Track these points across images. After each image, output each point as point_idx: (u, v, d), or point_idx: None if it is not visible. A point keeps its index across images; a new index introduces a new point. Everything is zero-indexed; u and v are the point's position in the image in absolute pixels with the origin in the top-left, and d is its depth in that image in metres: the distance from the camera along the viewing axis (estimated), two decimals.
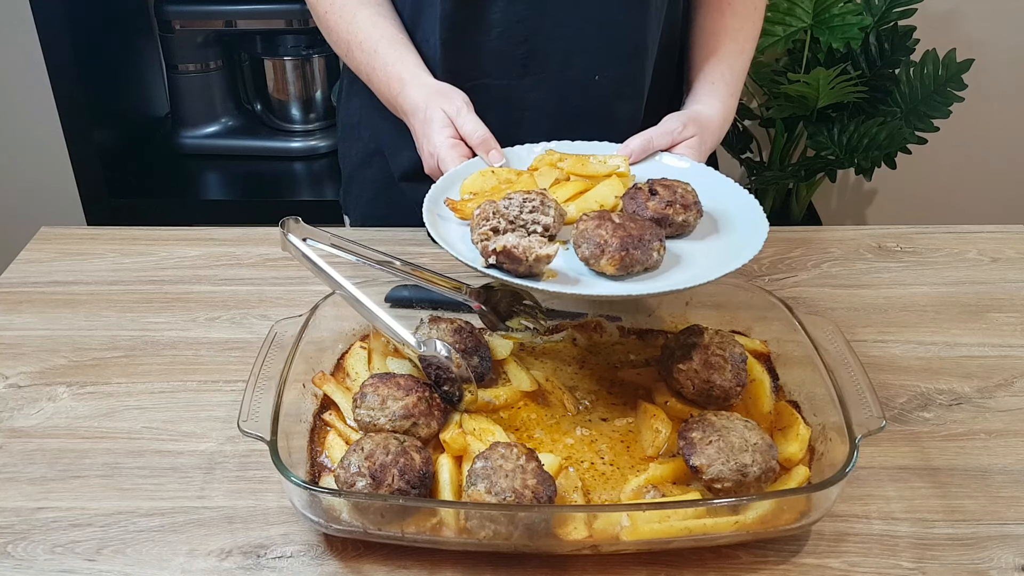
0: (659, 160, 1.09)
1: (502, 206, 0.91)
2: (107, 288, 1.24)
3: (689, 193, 0.96)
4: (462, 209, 0.96)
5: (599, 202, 0.97)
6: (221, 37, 2.35)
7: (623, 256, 0.87)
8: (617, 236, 0.88)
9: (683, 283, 0.88)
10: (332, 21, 1.22)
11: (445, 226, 0.95)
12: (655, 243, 0.89)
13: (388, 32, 1.19)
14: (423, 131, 1.10)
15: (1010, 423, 1.01)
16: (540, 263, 0.85)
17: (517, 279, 0.86)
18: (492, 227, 0.89)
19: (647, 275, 0.90)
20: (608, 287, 0.89)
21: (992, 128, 2.62)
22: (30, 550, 0.86)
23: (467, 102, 1.10)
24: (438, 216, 0.96)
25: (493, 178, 1.02)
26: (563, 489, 0.87)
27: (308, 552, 0.86)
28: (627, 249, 0.87)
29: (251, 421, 0.86)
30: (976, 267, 1.28)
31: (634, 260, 0.88)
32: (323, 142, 2.41)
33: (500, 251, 0.85)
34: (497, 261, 0.86)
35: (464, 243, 0.93)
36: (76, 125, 2.23)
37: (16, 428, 1.00)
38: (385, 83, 1.17)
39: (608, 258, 0.87)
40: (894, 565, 0.84)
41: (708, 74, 1.22)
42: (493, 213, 0.90)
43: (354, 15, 1.20)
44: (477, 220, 0.90)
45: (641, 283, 0.89)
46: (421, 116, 1.11)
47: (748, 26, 1.26)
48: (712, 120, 1.16)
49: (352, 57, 1.22)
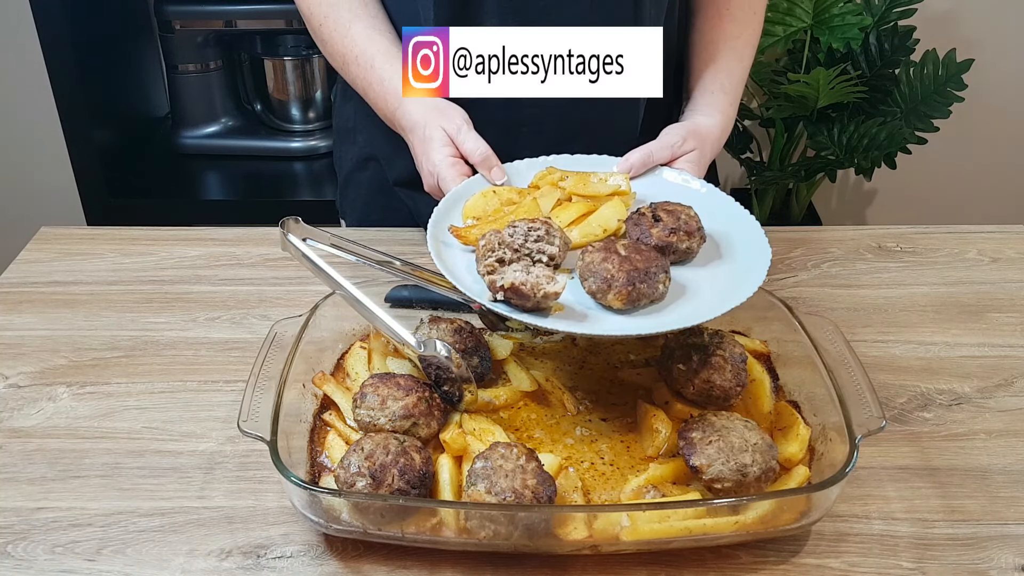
0: (659, 175, 1.08)
1: (507, 235, 0.90)
2: (107, 288, 1.24)
3: (692, 219, 0.96)
4: (466, 236, 0.95)
5: (602, 227, 0.97)
6: (221, 37, 2.36)
7: (630, 291, 0.87)
8: (623, 271, 0.88)
9: (690, 320, 0.88)
10: (327, 34, 1.21)
11: (449, 253, 0.94)
12: (660, 275, 0.90)
13: (383, 46, 1.17)
14: (422, 149, 1.10)
15: (1010, 423, 1.01)
16: (548, 299, 0.86)
17: (524, 315, 0.86)
18: (498, 258, 0.89)
19: (653, 308, 0.91)
20: (615, 325, 0.89)
21: (992, 128, 2.62)
22: (30, 550, 0.86)
23: (466, 119, 1.09)
24: (442, 243, 0.95)
25: (495, 199, 1.01)
26: (563, 489, 0.87)
27: (308, 552, 0.86)
28: (633, 284, 0.87)
29: (251, 421, 0.86)
30: (976, 267, 1.28)
31: (640, 294, 0.88)
32: (323, 142, 2.41)
33: (508, 288, 0.85)
34: (505, 297, 0.86)
35: (470, 273, 0.92)
36: (76, 125, 2.23)
37: (16, 428, 1.00)
38: (382, 98, 1.16)
39: (615, 293, 0.87)
40: (894, 565, 0.84)
41: (707, 83, 1.22)
42: (499, 244, 0.90)
43: (348, 28, 1.19)
44: (483, 251, 0.90)
45: (648, 319, 0.89)
46: (420, 134, 1.10)
47: (747, 33, 1.26)
48: (712, 131, 1.15)
49: (348, 71, 1.21)
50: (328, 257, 0.97)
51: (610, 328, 0.88)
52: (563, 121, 1.20)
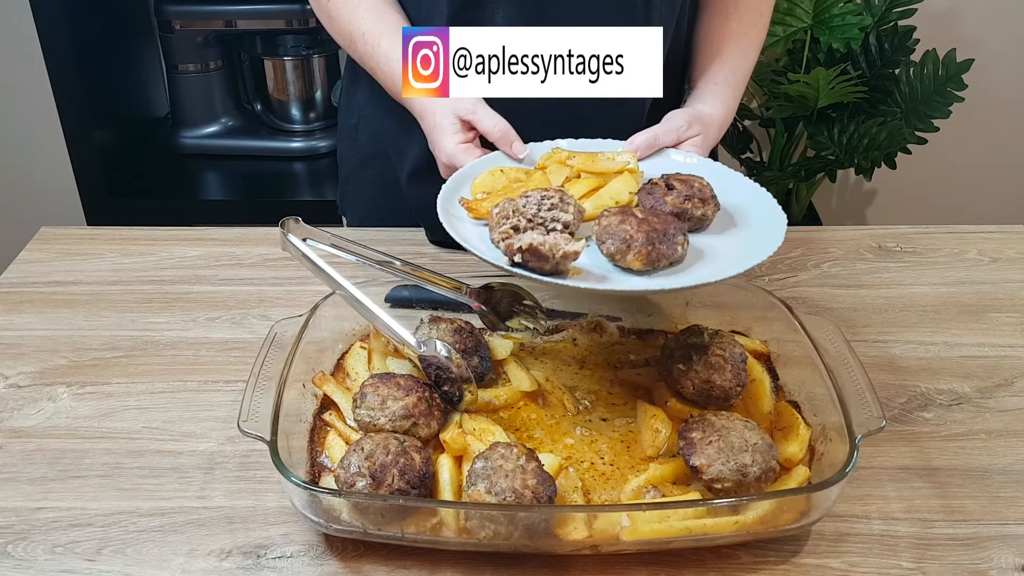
0: (667, 156, 1.08)
1: (521, 204, 0.89)
2: (107, 288, 1.24)
3: (706, 187, 0.96)
4: (477, 208, 0.95)
5: (614, 198, 0.96)
6: (221, 37, 2.35)
7: (650, 251, 0.86)
8: (642, 231, 0.87)
9: (711, 276, 0.87)
10: (333, 10, 1.20)
11: (461, 226, 0.93)
12: (679, 237, 0.89)
13: (392, 23, 1.16)
14: (432, 138, 1.10)
15: (1010, 423, 1.01)
16: (567, 260, 0.84)
17: (543, 276, 0.84)
18: (512, 225, 0.87)
19: (672, 270, 0.89)
20: (637, 283, 0.88)
21: (992, 128, 2.62)
22: (30, 550, 0.86)
23: (479, 98, 1.08)
24: (452, 216, 0.95)
25: (503, 177, 1.01)
26: (563, 489, 0.87)
27: (308, 552, 0.86)
28: (653, 244, 0.86)
29: (251, 421, 0.86)
30: (976, 267, 1.28)
31: (660, 255, 0.87)
32: (323, 142, 2.41)
33: (526, 249, 0.83)
34: (523, 259, 0.84)
35: (484, 243, 0.91)
36: (76, 125, 2.23)
37: (16, 428, 1.00)
38: (390, 78, 1.15)
39: (635, 253, 0.86)
40: (894, 565, 0.84)
41: (711, 75, 1.22)
42: (513, 211, 0.88)
43: (357, 4, 1.18)
44: (497, 219, 0.89)
45: (669, 278, 0.88)
46: (429, 121, 1.10)
47: (753, 32, 1.26)
48: (714, 120, 1.16)
49: (355, 49, 1.20)
50: (328, 257, 0.97)
51: (631, 285, 0.87)
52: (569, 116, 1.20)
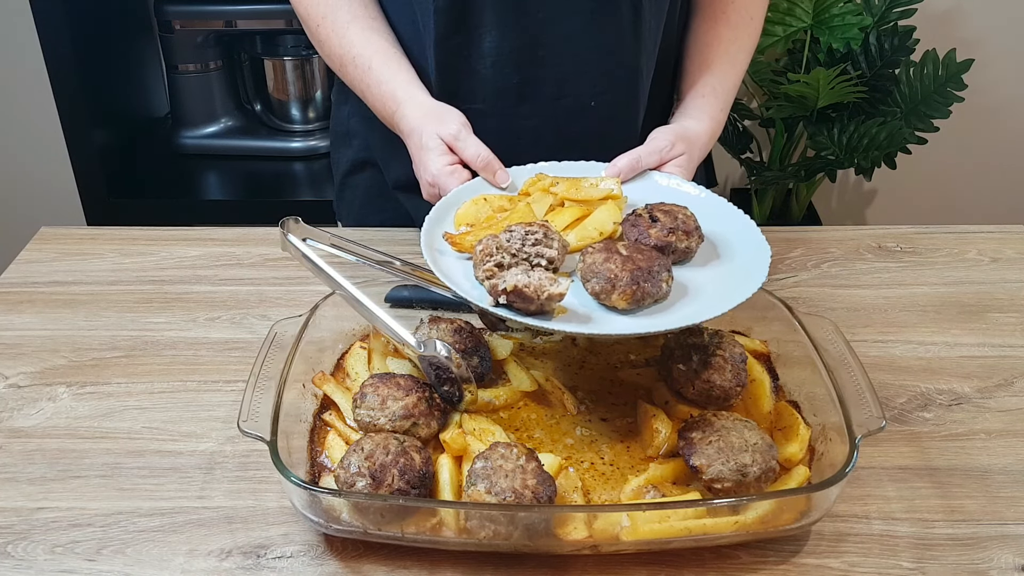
0: (650, 179, 1.08)
1: (504, 240, 0.89)
2: (107, 288, 1.24)
3: (690, 219, 0.96)
4: (460, 243, 0.94)
5: (598, 229, 0.96)
6: (221, 37, 2.35)
7: (635, 290, 0.86)
8: (627, 270, 0.87)
9: (696, 317, 0.87)
10: (324, 35, 1.20)
11: (445, 261, 0.93)
12: (663, 274, 0.89)
13: (381, 47, 1.17)
14: (418, 158, 1.09)
15: (1010, 423, 1.01)
16: (552, 301, 0.84)
17: (528, 318, 0.85)
18: (496, 263, 0.87)
19: (657, 307, 0.90)
20: (621, 325, 0.88)
21: (992, 128, 2.62)
22: (30, 550, 0.86)
23: (465, 123, 1.08)
24: (436, 251, 0.94)
25: (487, 206, 1.00)
26: (563, 489, 0.87)
27: (308, 552, 0.86)
28: (638, 283, 0.86)
29: (251, 421, 0.86)
30: (976, 267, 1.28)
31: (645, 293, 0.87)
32: (323, 142, 2.41)
33: (511, 291, 0.83)
34: (508, 300, 0.84)
35: (468, 279, 0.91)
36: (76, 125, 2.23)
37: (16, 428, 1.00)
38: (380, 101, 1.16)
39: (619, 293, 0.86)
40: (894, 565, 0.84)
41: (699, 87, 1.21)
42: (496, 248, 0.88)
43: (347, 29, 1.18)
44: (480, 256, 0.89)
45: (654, 318, 0.88)
46: (416, 141, 1.10)
47: (743, 37, 1.25)
48: (700, 136, 1.15)
49: (346, 72, 1.20)
50: (328, 257, 0.97)
51: (617, 328, 0.88)
52: (560, 135, 1.19)
